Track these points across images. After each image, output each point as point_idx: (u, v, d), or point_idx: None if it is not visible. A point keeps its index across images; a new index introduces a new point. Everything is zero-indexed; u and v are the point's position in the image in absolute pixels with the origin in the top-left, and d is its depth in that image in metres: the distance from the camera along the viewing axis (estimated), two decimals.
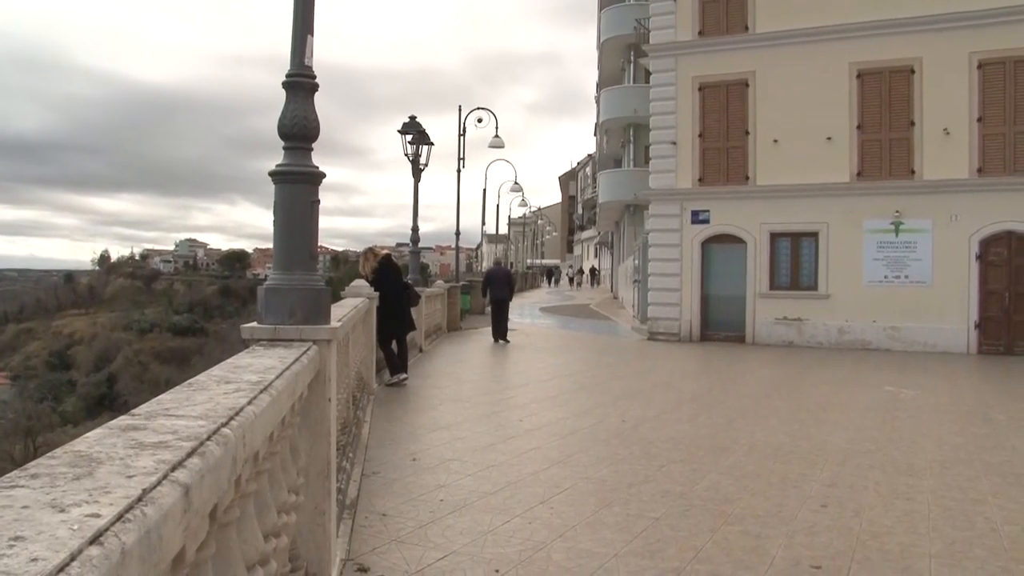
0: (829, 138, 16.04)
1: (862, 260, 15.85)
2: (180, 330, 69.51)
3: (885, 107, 15.76)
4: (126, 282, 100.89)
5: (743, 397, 9.62)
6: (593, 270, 59.70)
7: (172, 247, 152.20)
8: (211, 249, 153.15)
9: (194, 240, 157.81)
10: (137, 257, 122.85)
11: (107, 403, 48.10)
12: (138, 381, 52.29)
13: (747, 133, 16.79)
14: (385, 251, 10.25)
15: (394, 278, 9.96)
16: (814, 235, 16.29)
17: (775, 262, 16.66)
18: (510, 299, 17.20)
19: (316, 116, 3.59)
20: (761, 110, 16.64)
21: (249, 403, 1.85)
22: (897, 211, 15.57)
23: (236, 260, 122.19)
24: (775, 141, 16.47)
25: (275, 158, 3.56)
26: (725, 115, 16.97)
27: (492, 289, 16.77)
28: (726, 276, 17.02)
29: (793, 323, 16.36)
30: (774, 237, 16.62)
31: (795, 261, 16.53)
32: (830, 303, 16.10)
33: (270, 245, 3.91)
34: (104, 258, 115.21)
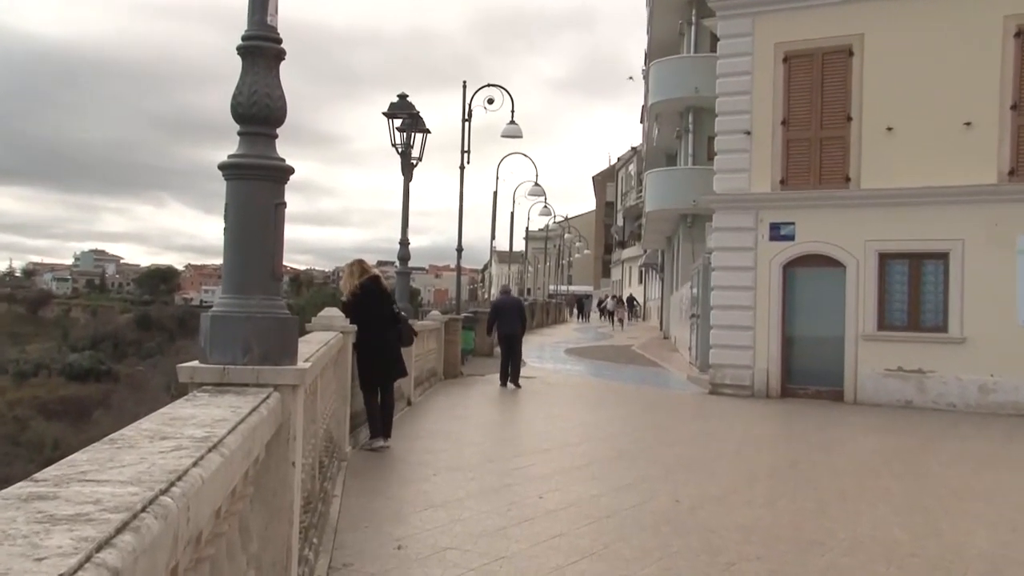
0: (968, 123, 15.88)
1: (1015, 291, 15.59)
2: (78, 373, 69.08)
3: None
4: (1, 307, 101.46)
5: (841, 475, 9.54)
6: (632, 300, 59.59)
7: (70, 260, 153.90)
8: (126, 264, 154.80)
9: (102, 252, 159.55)
10: (18, 273, 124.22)
11: None
12: (12, 444, 51.70)
13: (849, 119, 16.83)
14: (375, 271, 10.37)
15: (380, 307, 10.03)
16: (943, 256, 16.18)
17: (886, 293, 16.59)
18: (522, 335, 17.86)
19: (282, 93, 3.68)
20: (870, 87, 16.65)
21: (195, 465, 1.88)
22: None
23: (161, 280, 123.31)
24: (889, 129, 16.45)
25: (222, 146, 3.63)
26: (819, 94, 17.03)
27: (500, 323, 17.57)
28: (817, 311, 16.98)
29: (912, 376, 16.25)
30: (884, 259, 16.57)
31: (915, 292, 16.44)
32: (966, 350, 15.92)
33: (210, 261, 3.95)
34: None
